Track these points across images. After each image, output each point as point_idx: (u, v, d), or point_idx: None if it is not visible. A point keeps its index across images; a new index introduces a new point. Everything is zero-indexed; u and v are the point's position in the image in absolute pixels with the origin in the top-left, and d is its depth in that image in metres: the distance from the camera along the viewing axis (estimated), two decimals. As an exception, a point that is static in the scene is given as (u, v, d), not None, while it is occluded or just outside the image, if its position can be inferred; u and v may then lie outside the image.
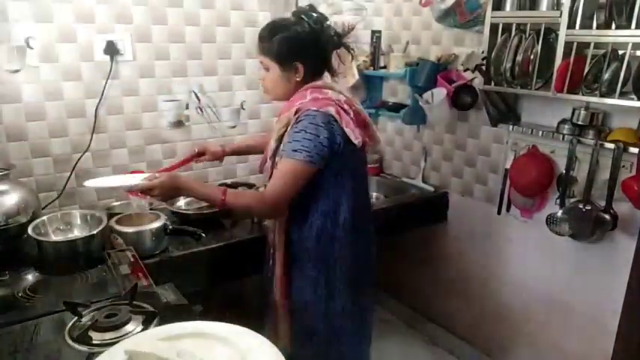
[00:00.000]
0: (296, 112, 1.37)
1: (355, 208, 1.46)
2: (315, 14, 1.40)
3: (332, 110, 1.34)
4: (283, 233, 1.48)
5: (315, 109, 1.34)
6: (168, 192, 1.39)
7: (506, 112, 2.03)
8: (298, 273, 1.50)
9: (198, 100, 2.07)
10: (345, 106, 1.40)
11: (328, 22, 1.43)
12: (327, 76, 1.51)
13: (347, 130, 1.36)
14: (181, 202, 2.03)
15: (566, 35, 1.61)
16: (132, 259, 1.48)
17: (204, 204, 1.84)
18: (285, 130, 1.39)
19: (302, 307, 1.52)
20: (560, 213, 1.83)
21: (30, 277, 1.42)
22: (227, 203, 1.38)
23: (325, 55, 1.44)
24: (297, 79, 1.42)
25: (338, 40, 1.45)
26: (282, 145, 1.38)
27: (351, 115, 1.41)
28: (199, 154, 1.76)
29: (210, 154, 1.76)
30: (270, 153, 1.44)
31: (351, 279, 1.51)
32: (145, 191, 1.38)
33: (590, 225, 1.75)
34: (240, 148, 1.87)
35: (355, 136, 1.37)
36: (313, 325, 1.52)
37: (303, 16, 1.40)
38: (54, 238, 1.57)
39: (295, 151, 1.32)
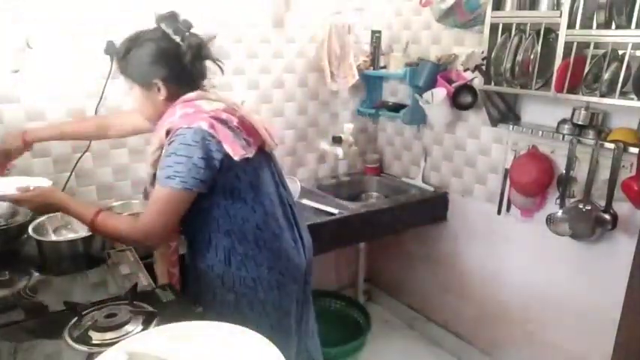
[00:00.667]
0: (168, 133, 1.24)
1: (265, 221, 1.34)
2: (176, 22, 1.27)
3: (204, 125, 1.20)
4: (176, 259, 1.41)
5: (185, 126, 1.20)
6: (41, 207, 1.33)
7: (506, 112, 2.03)
8: (212, 301, 1.37)
9: (198, 100, 2.07)
10: (224, 116, 1.26)
11: (192, 30, 1.30)
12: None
13: (225, 145, 1.22)
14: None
15: (566, 35, 1.61)
16: (132, 259, 1.49)
17: None
18: (160, 154, 1.26)
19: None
20: (560, 213, 1.83)
21: (30, 277, 1.42)
22: (96, 225, 1.27)
23: (188, 67, 1.28)
24: (161, 98, 1.28)
25: (200, 51, 1.28)
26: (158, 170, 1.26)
27: (234, 123, 1.27)
28: (2, 165, 1.55)
29: (12, 155, 1.55)
30: (148, 179, 1.32)
31: (275, 296, 1.39)
32: (16, 202, 1.32)
33: (590, 225, 1.75)
34: (53, 135, 1.62)
35: (235, 151, 1.22)
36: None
37: (162, 25, 1.27)
38: (54, 238, 1.57)
39: (168, 177, 1.19)
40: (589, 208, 1.75)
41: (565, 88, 1.65)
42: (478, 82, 1.98)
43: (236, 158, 1.22)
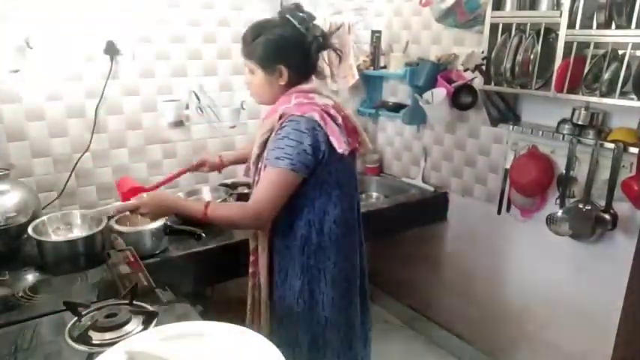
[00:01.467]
0: (280, 118, 1.32)
1: (342, 218, 1.42)
2: (301, 14, 1.33)
3: (316, 116, 1.29)
4: (267, 241, 1.45)
5: (299, 114, 1.29)
6: (156, 210, 1.38)
7: (506, 112, 2.03)
8: (281, 282, 1.46)
9: (198, 100, 2.07)
10: (332, 112, 1.35)
11: (314, 22, 1.36)
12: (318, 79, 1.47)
13: (332, 138, 1.30)
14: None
15: (566, 35, 1.61)
16: (132, 259, 1.49)
17: None
18: (269, 136, 1.34)
19: (284, 317, 1.48)
20: (560, 213, 1.83)
21: (30, 277, 1.42)
22: (208, 218, 1.33)
23: (311, 57, 1.37)
24: (282, 83, 1.36)
25: (324, 42, 1.37)
26: (265, 151, 1.35)
27: (339, 120, 1.36)
28: (198, 166, 1.76)
29: (209, 165, 1.76)
30: (253, 159, 1.40)
31: (336, 290, 1.45)
32: (133, 210, 1.37)
33: (590, 225, 1.75)
34: (238, 158, 1.81)
35: (339, 145, 1.31)
36: (295, 336, 1.47)
37: (288, 16, 1.33)
38: (54, 238, 1.57)
39: (278, 158, 1.28)
40: (589, 208, 1.75)
41: (565, 88, 1.65)
42: (478, 82, 1.98)
43: (340, 151, 1.31)
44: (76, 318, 1.11)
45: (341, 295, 1.47)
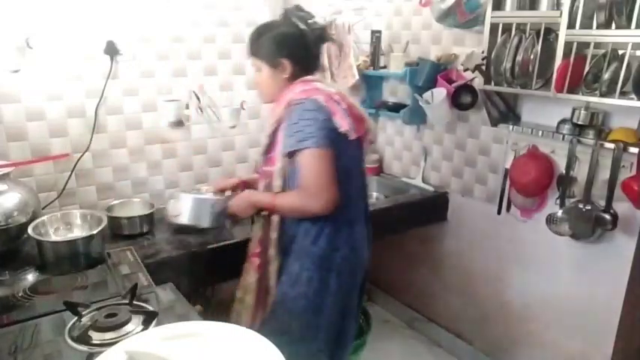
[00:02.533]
0: (287, 106, 1.37)
1: (349, 207, 1.44)
2: (301, 13, 1.43)
3: (320, 98, 1.35)
4: (278, 227, 1.47)
5: (304, 97, 1.36)
6: (245, 207, 1.48)
7: (506, 112, 2.03)
8: (286, 269, 1.49)
9: (198, 100, 2.07)
10: (336, 97, 1.40)
11: (314, 19, 1.45)
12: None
13: (335, 117, 1.35)
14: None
15: (566, 35, 1.61)
16: (132, 259, 1.49)
17: None
18: (278, 127, 1.39)
19: (278, 304, 1.49)
20: (560, 213, 1.83)
21: (30, 277, 1.42)
22: (277, 208, 1.42)
23: (311, 50, 1.45)
24: (285, 76, 1.43)
25: (322, 35, 1.46)
26: (278, 142, 1.39)
27: (343, 106, 1.39)
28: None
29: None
30: (262, 149, 1.46)
31: (340, 278, 1.47)
32: (231, 216, 1.50)
33: (590, 225, 1.75)
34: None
35: (342, 124, 1.35)
36: (288, 323, 1.47)
37: (289, 15, 1.43)
38: (54, 238, 1.57)
39: (300, 141, 1.31)
40: (589, 208, 1.75)
41: (565, 88, 1.65)
42: (478, 82, 1.98)
43: (342, 130, 1.34)
44: (76, 318, 1.11)
45: (339, 284, 1.47)
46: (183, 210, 1.54)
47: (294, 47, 1.42)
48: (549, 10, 1.70)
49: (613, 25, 1.52)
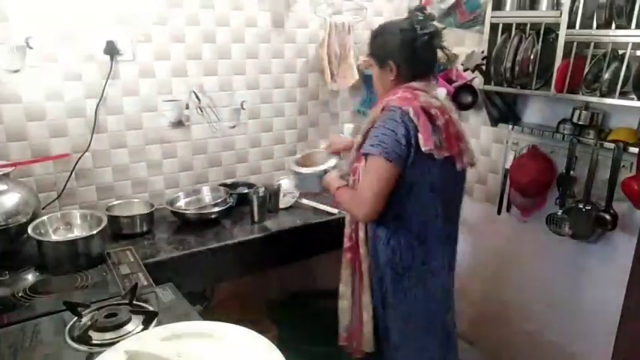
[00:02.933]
0: (382, 110, 1.40)
1: (424, 227, 1.45)
2: (421, 15, 1.41)
3: (411, 111, 1.32)
4: (365, 229, 1.51)
5: (398, 105, 1.35)
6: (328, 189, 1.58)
7: (506, 112, 2.03)
8: (374, 263, 1.53)
9: (198, 100, 2.07)
10: (433, 111, 1.36)
11: (433, 22, 1.42)
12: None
13: (419, 133, 1.32)
14: (181, 202, 2.03)
15: (566, 35, 1.61)
16: (132, 259, 1.49)
17: (204, 204, 1.97)
18: (371, 127, 1.41)
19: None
20: (560, 213, 1.83)
21: (30, 277, 1.42)
22: (335, 197, 1.52)
23: (419, 55, 1.41)
24: (391, 79, 1.44)
25: (430, 41, 1.40)
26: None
27: (439, 122, 1.36)
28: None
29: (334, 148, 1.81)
30: (355, 146, 1.49)
31: (418, 292, 1.49)
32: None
33: (590, 225, 1.75)
34: (347, 146, 1.80)
35: (425, 142, 1.31)
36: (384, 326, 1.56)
37: (410, 17, 1.43)
38: (54, 238, 1.57)
39: (372, 146, 1.35)
40: (589, 208, 1.75)
41: (565, 88, 1.65)
42: (478, 82, 1.98)
43: (424, 149, 1.31)
44: (76, 318, 1.11)
45: (423, 295, 1.51)
46: (297, 183, 1.80)
47: (402, 50, 1.40)
48: (549, 10, 1.70)
49: (613, 25, 1.52)
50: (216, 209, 1.92)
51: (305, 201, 2.15)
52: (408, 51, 1.40)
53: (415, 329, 1.54)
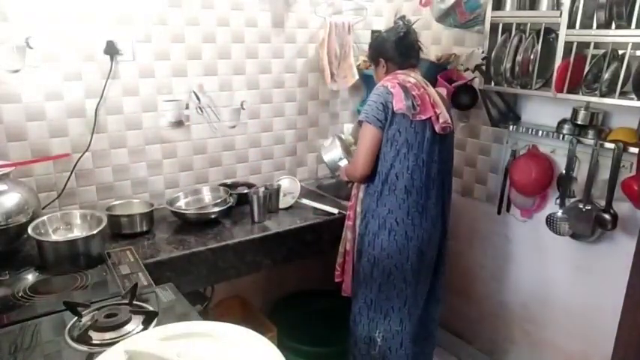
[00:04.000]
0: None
1: (405, 174, 1.67)
2: (401, 22, 1.75)
3: (389, 85, 1.67)
4: (359, 187, 1.82)
5: (382, 84, 1.70)
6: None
7: (506, 112, 2.03)
8: (360, 222, 1.81)
9: (198, 100, 2.07)
10: (408, 85, 1.67)
11: (404, 24, 1.75)
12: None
13: (393, 99, 1.63)
14: (181, 202, 2.03)
15: (566, 35, 1.61)
16: (132, 259, 1.49)
17: (204, 204, 1.98)
18: None
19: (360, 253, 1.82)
20: (560, 213, 1.83)
21: (30, 277, 1.42)
22: (345, 174, 1.88)
23: (399, 51, 1.74)
24: (383, 71, 1.79)
25: (402, 37, 1.73)
26: None
27: (415, 92, 1.66)
28: None
29: None
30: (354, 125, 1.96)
31: (397, 237, 1.72)
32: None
33: (590, 225, 1.75)
34: None
35: (397, 104, 1.63)
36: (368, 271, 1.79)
37: (395, 24, 1.77)
38: (54, 238, 1.57)
39: (363, 114, 1.69)
40: (589, 208, 1.75)
41: (565, 88, 1.65)
42: (478, 82, 1.98)
43: (395, 109, 1.64)
44: (76, 318, 1.11)
45: (397, 244, 1.72)
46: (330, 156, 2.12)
47: (385, 49, 1.76)
48: (549, 10, 1.70)
49: (613, 25, 1.52)
50: (216, 209, 1.92)
51: (305, 201, 2.15)
52: (390, 49, 1.75)
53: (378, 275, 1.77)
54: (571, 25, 1.60)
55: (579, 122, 1.72)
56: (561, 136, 1.79)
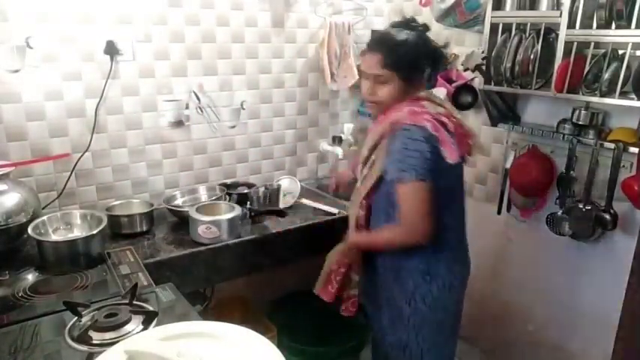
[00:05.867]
0: (391, 125, 1.36)
1: (454, 224, 1.53)
2: (409, 25, 1.44)
3: (429, 126, 1.32)
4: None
5: (411, 123, 1.33)
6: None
7: (506, 112, 2.03)
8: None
9: (198, 100, 2.07)
10: (444, 119, 1.36)
11: (427, 33, 1.45)
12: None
13: (443, 148, 1.32)
14: (178, 201, 2.03)
15: (566, 35, 1.61)
16: (132, 259, 1.49)
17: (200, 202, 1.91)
18: (379, 141, 1.40)
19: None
20: (560, 213, 1.83)
21: (30, 277, 1.42)
22: (361, 247, 1.54)
23: (419, 65, 1.41)
24: (397, 91, 1.41)
25: (425, 50, 1.43)
26: (374, 155, 1.43)
27: (450, 127, 1.37)
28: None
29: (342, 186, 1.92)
30: (361, 159, 1.51)
31: (445, 296, 1.57)
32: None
33: (590, 225, 1.75)
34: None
35: (451, 155, 1.33)
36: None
37: (414, 27, 1.44)
38: (54, 238, 1.57)
39: (403, 171, 1.31)
40: (589, 208, 1.75)
41: (565, 88, 1.65)
42: (478, 82, 1.98)
43: (450, 161, 1.32)
44: (76, 318, 1.11)
45: (448, 299, 1.63)
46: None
47: (429, 60, 1.45)
48: (549, 10, 1.70)
49: (613, 25, 1.52)
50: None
51: (305, 201, 2.15)
52: (431, 59, 1.43)
53: None
54: (571, 25, 1.60)
55: (579, 122, 1.72)
56: (561, 136, 1.79)
